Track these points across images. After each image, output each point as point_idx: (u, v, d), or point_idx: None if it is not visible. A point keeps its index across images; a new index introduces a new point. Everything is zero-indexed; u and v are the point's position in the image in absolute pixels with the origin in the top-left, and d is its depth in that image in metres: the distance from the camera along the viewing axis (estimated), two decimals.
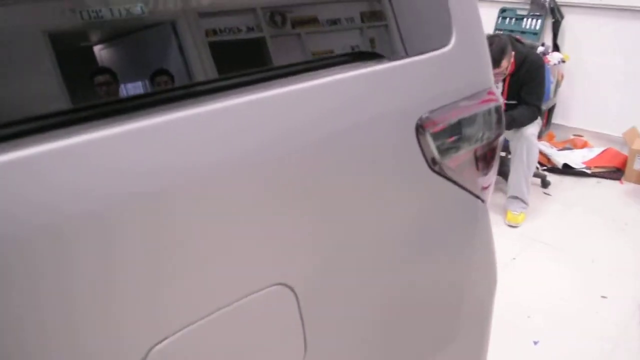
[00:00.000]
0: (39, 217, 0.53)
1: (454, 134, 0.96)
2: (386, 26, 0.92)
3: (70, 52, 0.62)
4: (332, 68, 0.78)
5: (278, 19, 0.79)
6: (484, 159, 1.05)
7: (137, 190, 0.59)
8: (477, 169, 1.05)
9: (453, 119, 0.95)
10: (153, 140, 0.60)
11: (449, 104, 0.94)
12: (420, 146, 0.90)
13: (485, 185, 1.10)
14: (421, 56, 0.88)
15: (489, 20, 4.48)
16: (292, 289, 0.77)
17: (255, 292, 0.72)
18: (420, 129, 0.89)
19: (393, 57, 0.85)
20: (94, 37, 0.65)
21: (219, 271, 0.68)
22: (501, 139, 1.09)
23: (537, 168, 3.74)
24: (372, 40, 0.94)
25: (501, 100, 1.08)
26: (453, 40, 0.94)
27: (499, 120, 1.06)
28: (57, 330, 0.56)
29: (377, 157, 0.84)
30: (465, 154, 1.00)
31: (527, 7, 4.41)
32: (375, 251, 0.87)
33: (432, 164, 0.93)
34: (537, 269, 2.74)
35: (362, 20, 0.91)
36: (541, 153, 3.89)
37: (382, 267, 0.89)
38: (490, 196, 1.16)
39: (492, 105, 1.05)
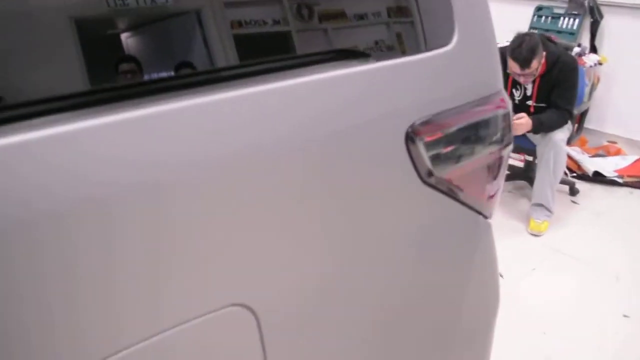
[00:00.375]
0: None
1: (451, 143, 0.87)
2: (412, 22, 0.84)
3: (95, 39, 0.61)
4: (307, 68, 0.69)
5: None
6: (487, 172, 0.95)
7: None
8: (479, 182, 0.95)
9: (451, 126, 0.86)
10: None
11: (447, 109, 0.85)
12: (411, 156, 0.81)
13: (489, 199, 1.00)
14: (413, 56, 0.79)
15: (523, 18, 4.30)
16: (252, 311, 0.69)
17: (208, 314, 0.65)
18: (411, 137, 0.80)
19: (379, 57, 0.76)
20: (119, 24, 0.64)
21: (164, 287, 0.61)
22: (507, 150, 0.98)
23: (566, 174, 3.58)
24: (398, 36, 0.86)
25: (510, 106, 0.97)
26: (455, 39, 0.85)
27: (506, 129, 0.96)
28: None
29: (357, 168, 0.75)
30: (465, 166, 0.90)
31: (565, 5, 4.21)
32: (353, 273, 0.79)
33: (426, 176, 0.84)
34: (557, 281, 2.61)
35: (389, 15, 0.84)
36: (571, 159, 3.73)
37: (361, 291, 0.80)
38: (495, 210, 1.06)
39: (499, 112, 0.95)
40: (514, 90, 3.08)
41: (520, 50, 2.79)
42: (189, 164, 0.59)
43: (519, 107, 3.06)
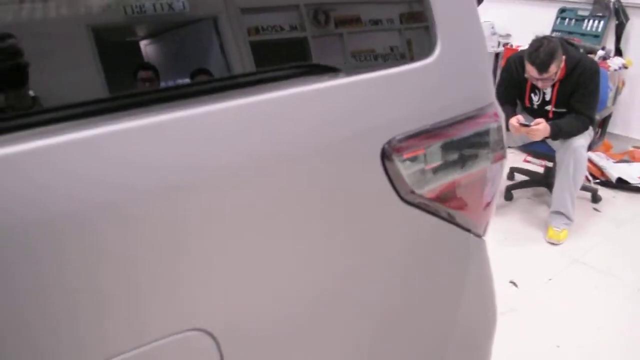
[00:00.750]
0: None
1: (435, 160, 0.82)
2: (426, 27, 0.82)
3: (113, 47, 0.62)
4: (271, 84, 0.66)
5: None
6: (477, 190, 0.91)
7: None
8: (468, 200, 0.90)
9: (434, 142, 0.81)
10: None
11: (429, 125, 0.81)
12: (388, 174, 0.77)
13: (481, 217, 0.95)
14: (388, 70, 0.75)
15: (546, 20, 4.20)
16: (212, 336, 0.66)
17: (162, 339, 0.62)
18: (387, 154, 0.76)
19: (351, 71, 0.72)
20: (137, 32, 0.65)
21: (115, 311, 0.59)
22: (499, 166, 0.93)
23: (589, 181, 3.48)
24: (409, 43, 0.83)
25: (502, 119, 0.93)
26: (438, 51, 0.81)
27: (497, 143, 0.92)
28: None
29: (329, 188, 0.72)
30: (451, 184, 0.86)
31: (589, 7, 4.10)
32: (326, 298, 0.75)
33: (405, 194, 0.80)
34: (575, 293, 2.52)
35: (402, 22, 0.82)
36: (594, 165, 3.62)
37: (334, 317, 0.77)
38: (489, 227, 1.01)
39: (490, 125, 0.90)
40: (532, 95, 3.00)
41: (538, 54, 2.71)
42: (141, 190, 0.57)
43: (538, 112, 2.97)
